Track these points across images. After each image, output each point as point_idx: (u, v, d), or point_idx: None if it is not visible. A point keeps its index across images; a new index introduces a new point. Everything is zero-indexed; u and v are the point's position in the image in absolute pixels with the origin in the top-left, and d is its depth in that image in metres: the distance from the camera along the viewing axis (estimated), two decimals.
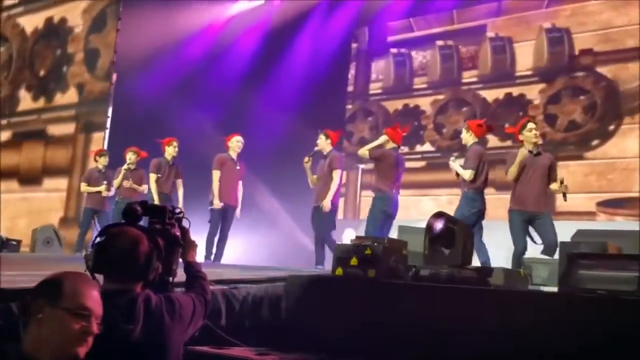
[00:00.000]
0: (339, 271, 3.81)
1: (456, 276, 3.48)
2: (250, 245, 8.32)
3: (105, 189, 7.41)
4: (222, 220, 6.49)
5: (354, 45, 10.12)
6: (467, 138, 5.56)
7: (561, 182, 5.12)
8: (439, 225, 3.77)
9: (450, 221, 3.85)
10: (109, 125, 9.29)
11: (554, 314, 2.93)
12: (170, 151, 7.06)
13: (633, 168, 7.24)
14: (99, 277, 1.90)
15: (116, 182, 7.28)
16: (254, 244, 8.35)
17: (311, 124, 8.85)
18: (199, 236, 6.39)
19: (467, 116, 8.65)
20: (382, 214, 5.78)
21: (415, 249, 3.99)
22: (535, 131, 5.27)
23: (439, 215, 3.93)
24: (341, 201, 9.56)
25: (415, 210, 7.85)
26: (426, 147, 8.75)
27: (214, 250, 6.33)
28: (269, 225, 8.64)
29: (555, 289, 3.60)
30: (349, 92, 10.03)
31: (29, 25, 10.83)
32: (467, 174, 5.30)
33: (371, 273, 3.65)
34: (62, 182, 9.63)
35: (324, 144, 6.21)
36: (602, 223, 7.14)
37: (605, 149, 7.70)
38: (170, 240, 2.21)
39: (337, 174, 6.09)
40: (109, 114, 9.34)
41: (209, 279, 2.36)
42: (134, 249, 1.93)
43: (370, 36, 10.01)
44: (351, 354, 3.31)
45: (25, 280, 2.82)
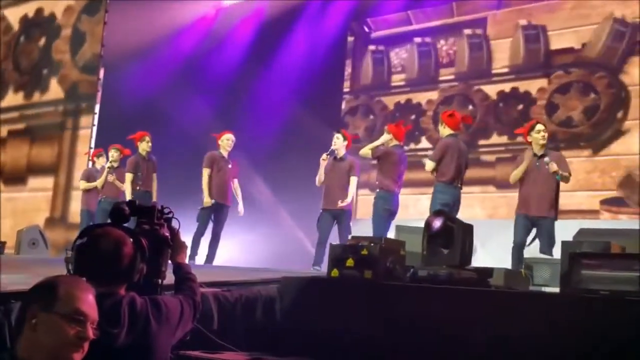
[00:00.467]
0: (334, 272, 3.80)
1: (455, 277, 3.49)
2: (246, 245, 8.31)
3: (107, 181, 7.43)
4: (214, 220, 6.48)
5: (350, 39, 10.11)
6: (442, 131, 5.61)
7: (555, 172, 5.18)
8: (437, 223, 3.78)
9: (450, 220, 3.85)
10: (96, 122, 9.26)
11: (556, 315, 2.94)
12: (144, 146, 7.06)
13: (638, 165, 7.26)
14: None
15: (99, 181, 7.28)
16: (250, 244, 8.34)
17: (307, 119, 8.87)
18: (190, 236, 6.43)
19: (468, 112, 8.65)
20: (386, 212, 5.81)
21: (413, 249, 3.99)
22: (544, 133, 5.31)
23: (438, 213, 3.95)
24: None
25: (414, 209, 7.85)
26: (424, 144, 8.75)
27: (198, 251, 6.31)
28: (266, 223, 8.62)
29: (557, 289, 3.61)
30: (345, 87, 10.02)
31: (13, 19, 10.78)
32: (427, 165, 5.38)
33: (368, 274, 3.65)
34: (47, 181, 9.59)
35: (340, 145, 6.22)
36: (605, 222, 7.15)
37: (609, 146, 7.72)
38: (159, 241, 2.20)
39: (355, 181, 6.18)
40: (97, 110, 9.30)
41: (199, 281, 2.35)
42: (117, 251, 1.93)
43: (367, 30, 10.00)
44: (347, 357, 3.31)
45: (10, 283, 2.80)
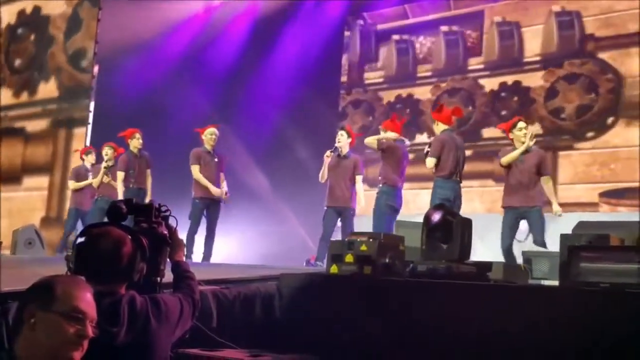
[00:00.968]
0: (334, 269, 3.84)
1: (454, 271, 3.53)
2: (245, 242, 8.33)
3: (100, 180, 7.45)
4: (207, 216, 6.49)
5: (347, 34, 10.12)
6: (436, 128, 5.67)
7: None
8: (436, 216, 3.81)
9: (450, 213, 3.89)
10: (91, 120, 9.27)
11: (556, 308, 2.98)
12: (135, 143, 7.09)
13: (637, 157, 7.30)
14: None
15: (96, 180, 7.31)
16: (249, 241, 8.36)
17: (305, 114, 8.88)
18: (185, 234, 6.44)
19: (466, 105, 8.68)
20: (389, 208, 5.84)
21: (412, 244, 4.03)
22: (526, 130, 5.35)
23: (438, 207, 3.99)
24: None
25: (413, 204, 7.88)
26: (424, 138, 8.77)
27: (194, 249, 6.32)
28: (265, 219, 8.63)
29: (556, 282, 3.65)
30: (342, 82, 10.04)
31: (5, 16, 10.76)
32: (428, 162, 5.44)
33: (367, 270, 3.69)
34: (43, 181, 9.61)
35: (345, 142, 6.25)
36: (604, 214, 7.21)
37: (608, 138, 7.76)
38: (158, 240, 2.24)
39: (360, 178, 6.24)
40: (91, 108, 9.31)
41: (198, 278, 2.38)
42: (117, 250, 1.96)
43: (363, 24, 10.01)
44: (347, 354, 3.35)
45: (6, 283, 2.83)
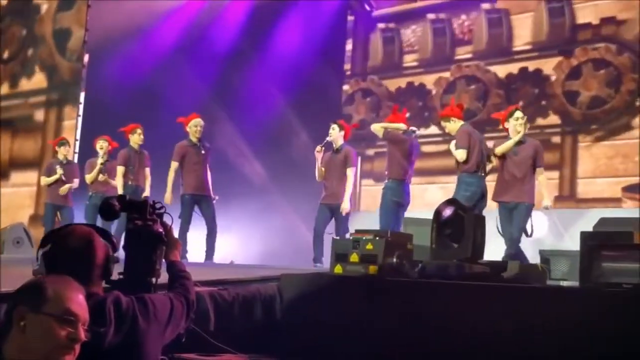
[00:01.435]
0: (338, 269, 3.81)
1: (466, 271, 3.49)
2: (243, 241, 8.30)
3: (59, 176, 7.36)
4: (202, 214, 6.46)
5: (351, 19, 10.07)
6: (450, 127, 5.62)
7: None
8: (448, 212, 3.77)
9: (461, 209, 3.85)
10: (81, 112, 9.25)
11: (575, 311, 2.94)
12: (135, 139, 7.05)
13: None
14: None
15: (90, 176, 7.25)
16: (247, 239, 8.34)
17: (307, 103, 8.84)
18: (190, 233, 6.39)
19: (477, 94, 8.62)
20: (395, 204, 5.81)
21: (421, 242, 3.99)
22: (522, 120, 5.37)
23: (450, 202, 3.94)
24: None
25: (421, 200, 7.84)
26: (432, 129, 8.72)
27: (187, 248, 6.30)
28: (265, 216, 8.60)
29: (576, 283, 3.61)
30: (346, 71, 10.00)
31: None
32: (459, 154, 5.38)
33: (373, 270, 3.65)
34: (31, 176, 9.59)
35: (337, 135, 6.20)
36: (628, 210, 7.14)
37: (631, 129, 7.69)
38: (153, 238, 2.22)
39: (352, 172, 6.17)
40: (82, 99, 9.29)
41: (195, 279, 2.36)
42: (88, 247, 1.96)
43: (368, 8, 9.96)
44: (352, 358, 3.32)
45: None
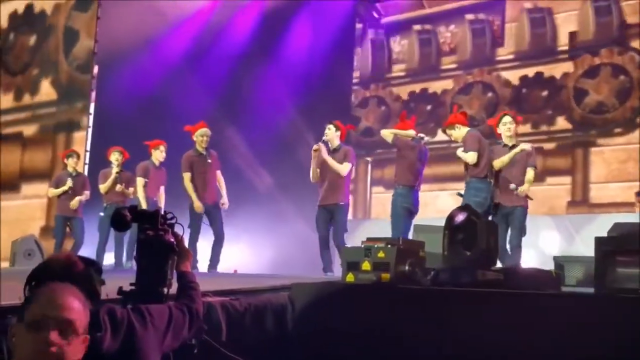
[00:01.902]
0: (349, 277, 3.81)
1: (480, 278, 3.48)
2: (253, 250, 8.31)
3: (69, 188, 7.41)
4: (210, 222, 6.48)
5: (359, 26, 10.10)
6: (456, 134, 5.62)
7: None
8: (460, 217, 3.77)
9: (474, 215, 3.84)
10: (91, 123, 9.31)
11: (590, 318, 2.93)
12: (157, 155, 7.09)
13: None
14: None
15: (104, 186, 7.27)
16: (257, 248, 8.34)
17: (315, 112, 8.87)
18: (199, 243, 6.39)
19: (489, 99, 8.62)
20: (405, 210, 5.81)
21: (433, 250, 3.98)
22: (510, 125, 5.47)
23: (463, 208, 3.94)
24: (349, 199, 9.55)
25: (432, 207, 7.84)
26: (444, 135, 8.71)
27: (198, 258, 6.32)
28: (273, 225, 8.60)
29: (591, 290, 3.59)
30: (354, 77, 10.02)
31: (1, 17, 10.86)
32: (470, 156, 5.38)
33: (385, 278, 3.65)
34: (42, 188, 9.64)
35: (333, 135, 6.18)
36: None
37: None
38: (164, 248, 2.25)
39: (348, 168, 6.11)
40: (91, 110, 9.35)
41: (206, 289, 2.37)
42: (70, 267, 1.97)
43: (377, 15, 9.99)
44: None
45: (8, 297, 2.83)
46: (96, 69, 9.46)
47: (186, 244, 2.41)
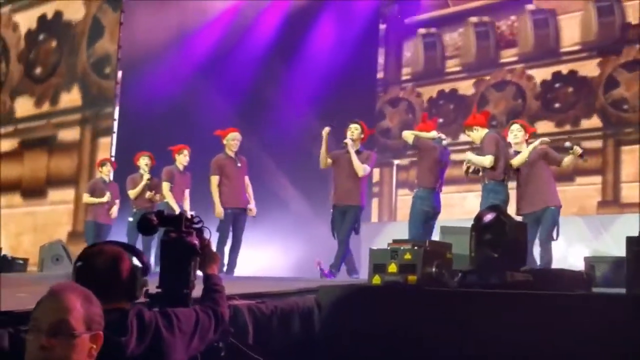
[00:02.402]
0: (376, 279, 3.82)
1: (508, 280, 3.46)
2: (277, 253, 8.34)
3: (108, 199, 7.55)
4: (233, 226, 6.51)
5: (382, 27, 10.10)
6: (474, 135, 5.58)
7: (570, 149, 5.23)
8: (489, 217, 3.75)
9: (503, 214, 3.83)
10: (116, 128, 9.44)
11: (622, 319, 2.90)
12: (181, 160, 7.15)
13: None
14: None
15: (134, 192, 7.33)
16: (281, 252, 8.37)
17: (338, 115, 8.87)
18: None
19: (514, 99, 8.55)
20: (424, 214, 5.80)
21: (460, 251, 3.97)
22: (517, 132, 5.46)
23: (492, 207, 3.92)
24: (375, 202, 9.56)
25: (460, 208, 7.80)
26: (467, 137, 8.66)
27: (225, 261, 6.35)
28: (297, 228, 8.63)
29: (622, 290, 3.55)
30: (378, 79, 10.01)
31: (25, 23, 11.06)
32: (487, 160, 5.33)
33: (412, 280, 3.65)
34: (68, 193, 9.80)
35: (358, 136, 6.19)
36: None
37: None
38: (186, 250, 2.28)
39: (367, 169, 6.11)
40: (116, 115, 9.48)
41: (233, 292, 2.40)
42: (115, 267, 2.02)
43: (400, 15, 9.97)
44: None
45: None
46: (120, 75, 9.59)
47: (214, 247, 2.44)
